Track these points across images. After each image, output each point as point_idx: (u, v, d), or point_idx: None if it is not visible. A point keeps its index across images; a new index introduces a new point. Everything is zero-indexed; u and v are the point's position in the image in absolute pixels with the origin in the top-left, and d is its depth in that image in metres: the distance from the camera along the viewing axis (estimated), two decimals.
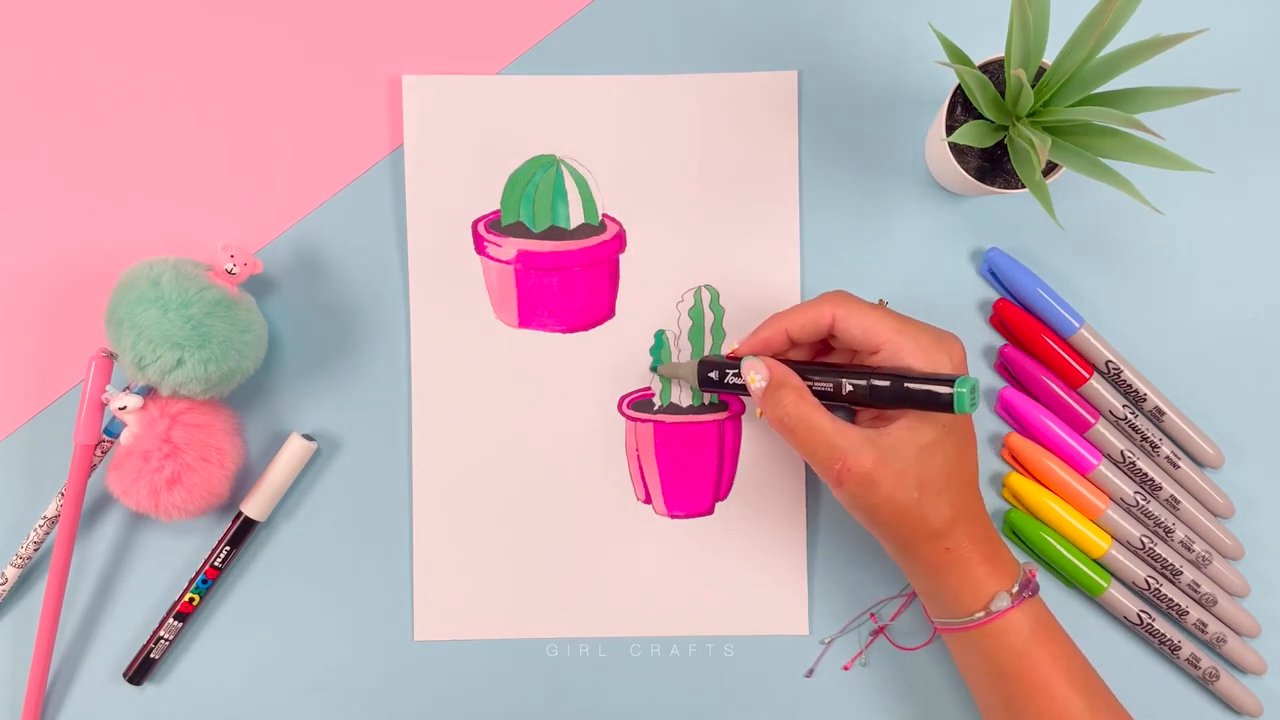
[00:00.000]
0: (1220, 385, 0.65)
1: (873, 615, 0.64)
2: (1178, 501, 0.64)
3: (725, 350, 0.61)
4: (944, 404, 0.53)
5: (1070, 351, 0.63)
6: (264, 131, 0.65)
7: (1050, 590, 0.64)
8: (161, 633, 0.63)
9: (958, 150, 0.59)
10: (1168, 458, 0.64)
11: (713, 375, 0.60)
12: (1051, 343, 0.63)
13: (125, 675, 0.63)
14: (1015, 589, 0.55)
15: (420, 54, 0.65)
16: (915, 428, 0.54)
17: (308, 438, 0.63)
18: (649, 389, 0.65)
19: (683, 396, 0.64)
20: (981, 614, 0.55)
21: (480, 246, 0.64)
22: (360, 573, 0.64)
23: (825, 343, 0.60)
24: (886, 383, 0.55)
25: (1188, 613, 0.63)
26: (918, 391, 0.54)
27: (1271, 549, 0.66)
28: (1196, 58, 0.60)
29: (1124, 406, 0.64)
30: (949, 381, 0.53)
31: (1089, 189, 0.63)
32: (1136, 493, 0.64)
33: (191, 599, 0.63)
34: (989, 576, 0.55)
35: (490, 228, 0.64)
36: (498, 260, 0.64)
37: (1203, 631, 0.64)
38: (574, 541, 0.64)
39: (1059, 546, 0.63)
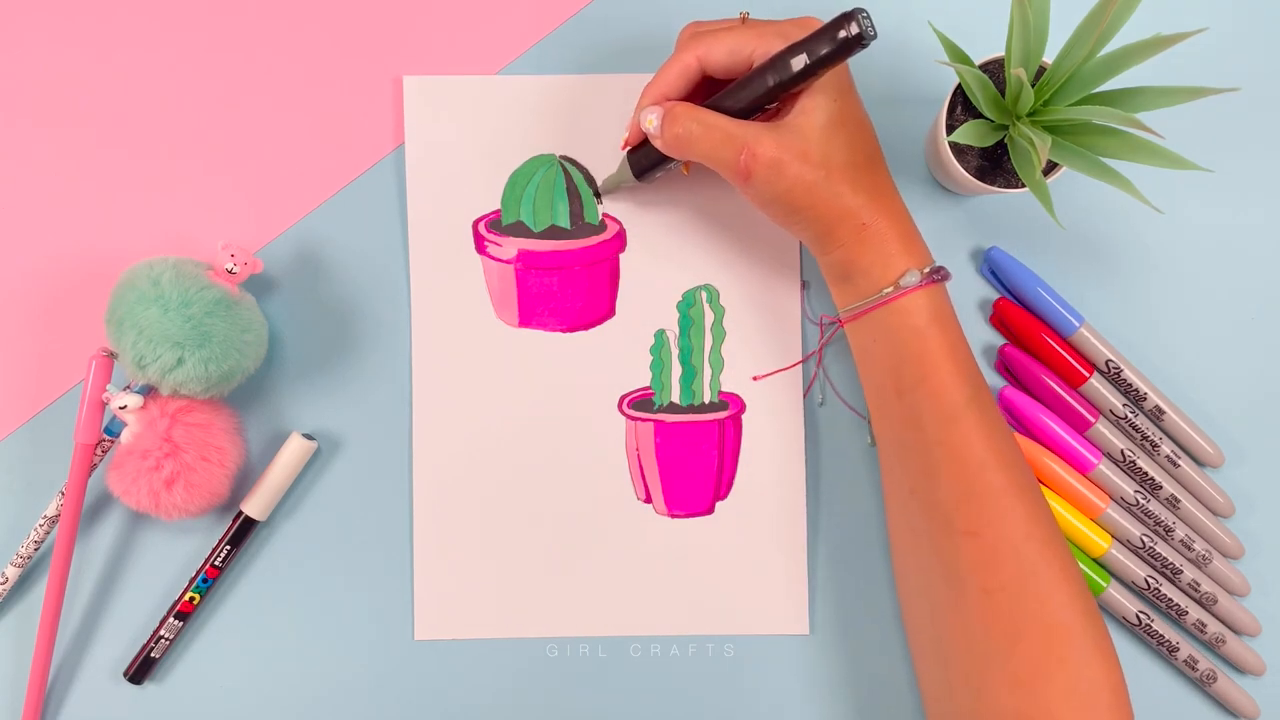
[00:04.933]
0: (1220, 385, 0.65)
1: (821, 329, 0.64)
2: (1178, 500, 0.64)
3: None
4: (851, 44, 0.52)
5: (1070, 351, 0.63)
6: (264, 131, 0.65)
7: None
8: (162, 632, 0.63)
9: (958, 150, 0.59)
10: (1168, 457, 0.64)
11: (642, 159, 0.61)
12: (1051, 342, 0.63)
13: (126, 674, 0.63)
14: (926, 270, 0.56)
15: (420, 54, 0.65)
16: (809, 110, 0.55)
17: (308, 437, 0.63)
18: (649, 389, 0.65)
19: (681, 395, 0.65)
20: (890, 289, 0.55)
21: (480, 246, 0.64)
22: (360, 573, 0.64)
23: (706, 84, 0.59)
24: (783, 63, 0.54)
25: (1187, 613, 0.63)
26: (821, 52, 0.53)
27: (1271, 548, 0.66)
28: (1196, 58, 0.60)
29: (1124, 406, 0.64)
30: (840, 23, 0.52)
31: (1089, 189, 0.63)
32: (1136, 492, 0.64)
33: (192, 598, 0.63)
34: (902, 254, 0.56)
35: (490, 227, 0.64)
36: (498, 260, 0.64)
37: (1202, 631, 0.64)
38: (574, 541, 0.64)
39: None
